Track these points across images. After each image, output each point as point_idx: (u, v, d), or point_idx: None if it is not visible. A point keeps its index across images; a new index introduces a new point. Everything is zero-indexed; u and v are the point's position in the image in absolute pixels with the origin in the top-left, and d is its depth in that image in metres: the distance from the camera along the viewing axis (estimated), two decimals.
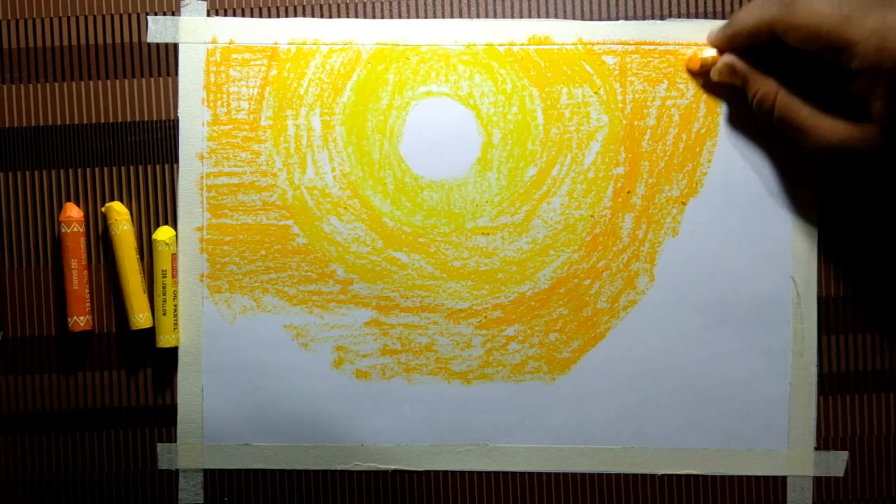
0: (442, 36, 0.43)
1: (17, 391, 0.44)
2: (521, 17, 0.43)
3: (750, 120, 0.43)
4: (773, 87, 0.35)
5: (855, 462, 0.43)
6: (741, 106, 0.43)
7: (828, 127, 0.33)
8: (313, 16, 0.43)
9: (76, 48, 0.43)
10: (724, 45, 0.37)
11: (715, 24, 0.42)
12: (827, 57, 0.32)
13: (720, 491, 0.43)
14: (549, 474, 0.44)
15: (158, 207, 0.43)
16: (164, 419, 0.44)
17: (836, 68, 0.32)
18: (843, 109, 0.32)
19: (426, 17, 0.43)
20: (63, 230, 0.42)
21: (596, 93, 0.43)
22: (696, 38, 0.43)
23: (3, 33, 0.43)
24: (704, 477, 0.43)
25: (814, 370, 0.43)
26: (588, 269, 0.43)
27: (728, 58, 0.37)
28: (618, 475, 0.43)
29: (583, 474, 0.43)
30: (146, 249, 0.43)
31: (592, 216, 0.43)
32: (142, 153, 0.43)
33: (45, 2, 0.43)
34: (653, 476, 0.43)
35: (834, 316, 0.43)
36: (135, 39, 0.43)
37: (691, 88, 0.43)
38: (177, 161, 0.43)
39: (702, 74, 0.38)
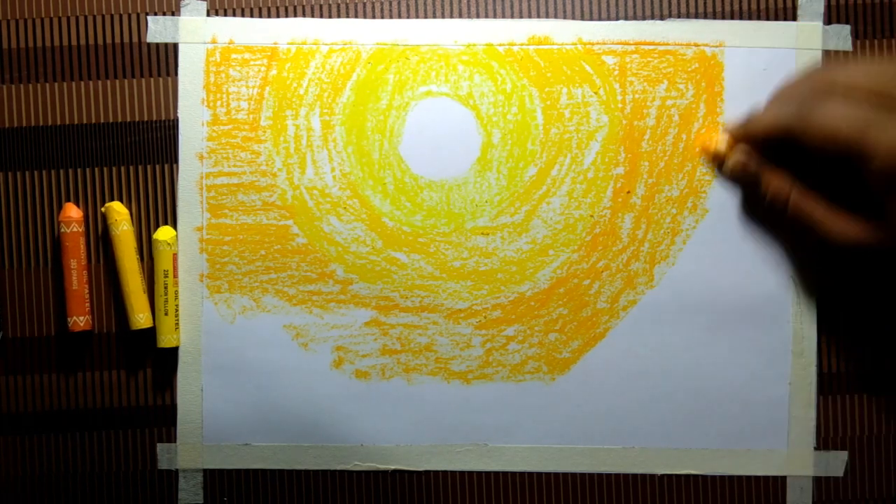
0: (442, 36, 0.43)
1: (17, 391, 0.44)
2: (521, 17, 0.43)
3: None
4: (786, 184, 0.35)
5: (855, 462, 0.43)
6: (741, 106, 0.43)
7: (843, 225, 0.33)
8: (313, 16, 0.43)
9: (76, 48, 0.43)
10: (740, 137, 0.37)
11: (714, 24, 0.42)
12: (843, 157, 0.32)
13: (720, 491, 0.43)
14: (549, 474, 0.43)
15: (158, 207, 0.43)
16: (164, 419, 0.44)
17: (852, 165, 0.32)
18: (858, 203, 0.32)
19: (426, 17, 0.43)
20: (62, 230, 0.42)
21: (596, 93, 0.43)
22: (696, 38, 0.43)
23: (3, 33, 0.43)
24: (704, 477, 0.43)
25: (814, 370, 0.43)
26: (588, 269, 0.43)
27: (741, 156, 0.37)
28: (618, 475, 0.43)
29: (583, 474, 0.43)
30: (146, 249, 0.43)
31: (592, 216, 0.43)
32: (142, 153, 0.43)
33: (45, 2, 0.43)
34: (653, 476, 0.43)
35: (834, 316, 0.43)
36: (135, 39, 0.43)
37: (691, 88, 0.43)
38: (177, 161, 0.43)
39: (714, 162, 0.38)
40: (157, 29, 0.43)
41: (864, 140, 0.30)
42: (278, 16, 0.43)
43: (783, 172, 0.35)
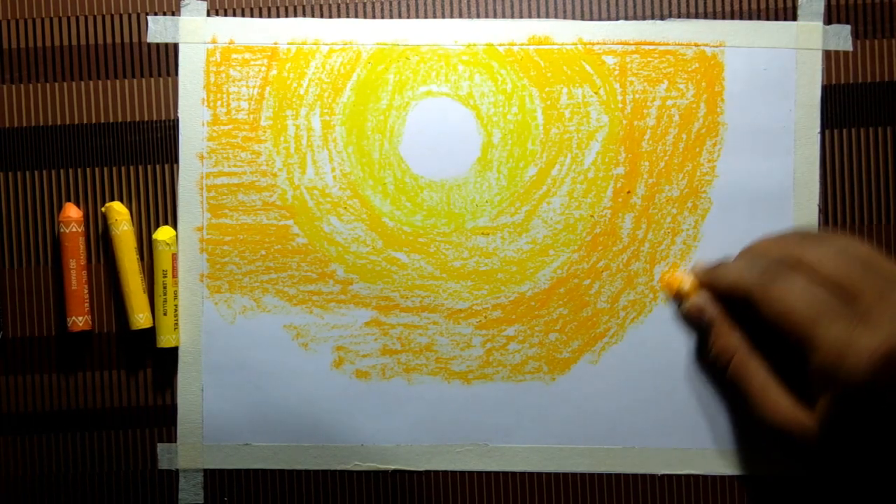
0: (442, 36, 0.43)
1: (17, 391, 0.44)
2: (521, 17, 0.43)
3: (750, 119, 0.43)
4: (734, 343, 0.35)
5: None
6: (741, 106, 0.43)
7: (774, 404, 0.32)
8: (313, 16, 0.43)
9: (76, 48, 0.43)
10: (704, 282, 0.37)
11: (715, 24, 0.42)
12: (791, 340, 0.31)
13: (720, 491, 0.43)
14: (549, 474, 0.44)
15: (158, 207, 0.43)
16: (164, 419, 0.44)
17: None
18: (801, 382, 0.31)
19: (426, 17, 0.43)
20: (62, 230, 0.42)
21: (596, 93, 0.43)
22: (696, 38, 0.43)
23: (3, 33, 0.43)
24: (704, 477, 0.43)
25: None
26: (588, 269, 0.43)
27: (700, 300, 0.36)
28: (618, 475, 0.43)
29: (583, 474, 0.43)
30: (146, 249, 0.43)
31: (592, 216, 0.43)
32: (142, 153, 0.43)
33: (45, 2, 0.43)
34: (653, 476, 0.43)
35: None
36: (135, 39, 0.43)
37: (691, 88, 0.43)
38: (177, 161, 0.43)
39: (674, 300, 0.38)
40: (157, 29, 0.43)
41: (813, 331, 0.30)
42: (278, 16, 0.43)
43: (736, 329, 0.34)
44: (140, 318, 0.42)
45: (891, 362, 0.27)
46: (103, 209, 0.43)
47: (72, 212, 0.42)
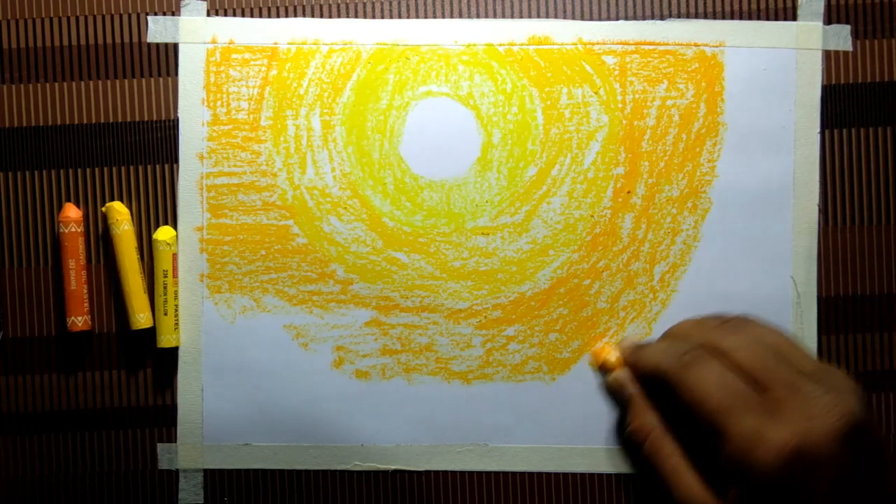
0: (442, 36, 0.43)
1: (17, 391, 0.44)
2: (521, 17, 0.43)
3: (750, 119, 0.43)
4: (650, 423, 0.35)
5: None
6: (741, 106, 0.43)
7: (686, 488, 0.32)
8: (313, 16, 0.43)
9: (76, 48, 0.43)
10: (628, 360, 0.38)
11: (714, 24, 0.43)
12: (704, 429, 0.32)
13: None
14: (548, 474, 0.44)
15: (158, 207, 0.43)
16: (164, 419, 0.44)
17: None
18: (714, 468, 0.32)
19: (426, 17, 0.43)
20: (61, 230, 0.42)
21: (596, 93, 0.43)
22: (696, 38, 0.43)
23: (3, 33, 0.43)
24: None
25: None
26: (588, 269, 0.43)
27: (621, 376, 0.37)
28: (618, 475, 0.43)
29: (582, 474, 0.43)
30: (146, 249, 0.43)
31: (592, 216, 0.43)
32: (142, 153, 0.43)
33: (45, 2, 0.43)
34: None
35: (834, 316, 0.43)
36: (135, 39, 0.43)
37: (691, 88, 0.43)
38: (177, 161, 0.43)
39: (599, 371, 0.40)
40: (157, 29, 0.43)
41: (725, 420, 0.30)
42: (278, 16, 0.43)
43: (654, 410, 0.35)
44: (140, 318, 0.42)
45: (799, 458, 0.28)
46: (103, 209, 0.43)
47: (71, 212, 0.42)
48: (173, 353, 0.43)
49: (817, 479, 0.28)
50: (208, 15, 0.43)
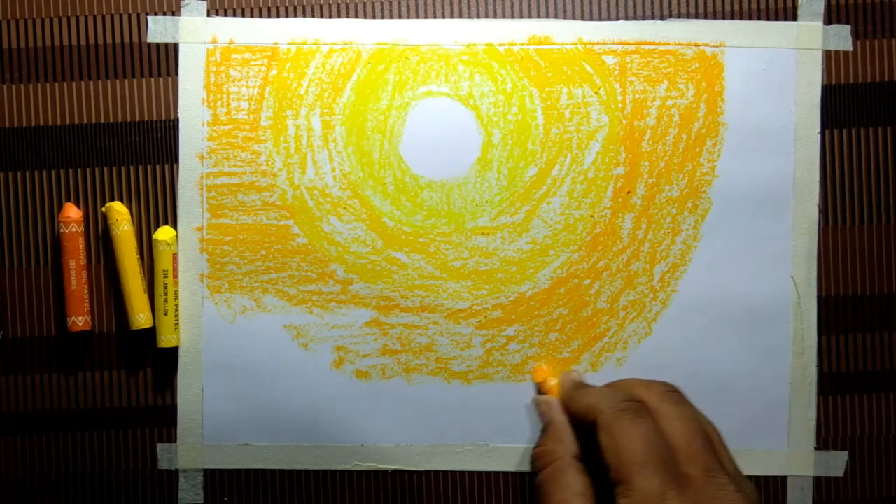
0: (442, 36, 0.43)
1: (17, 391, 0.44)
2: (521, 17, 0.43)
3: (750, 119, 0.43)
4: (558, 453, 0.37)
5: (855, 462, 0.43)
6: (741, 106, 0.43)
7: None
8: (313, 16, 0.43)
9: (76, 48, 0.43)
10: (564, 393, 0.39)
11: (714, 24, 0.43)
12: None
13: None
14: None
15: (158, 207, 0.43)
16: (164, 419, 0.44)
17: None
18: None
19: (426, 17, 0.43)
20: (61, 230, 0.42)
21: (596, 93, 0.43)
22: (696, 38, 0.43)
23: (3, 33, 0.43)
24: None
25: (814, 370, 0.43)
26: (588, 269, 0.43)
27: (552, 401, 0.39)
28: None
29: None
30: (146, 249, 0.43)
31: (592, 216, 0.43)
32: (142, 153, 0.43)
33: (45, 2, 0.43)
34: None
35: (834, 316, 0.43)
36: (135, 39, 0.43)
37: (691, 88, 0.43)
38: (177, 161, 0.43)
39: (536, 387, 0.41)
40: (157, 29, 0.43)
41: (636, 474, 0.31)
42: (278, 16, 0.43)
43: (573, 443, 0.36)
44: (140, 318, 0.42)
45: None
46: (103, 209, 0.43)
47: (71, 212, 0.42)
48: (173, 353, 0.43)
49: None
50: (208, 15, 0.43)
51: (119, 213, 0.42)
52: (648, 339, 0.43)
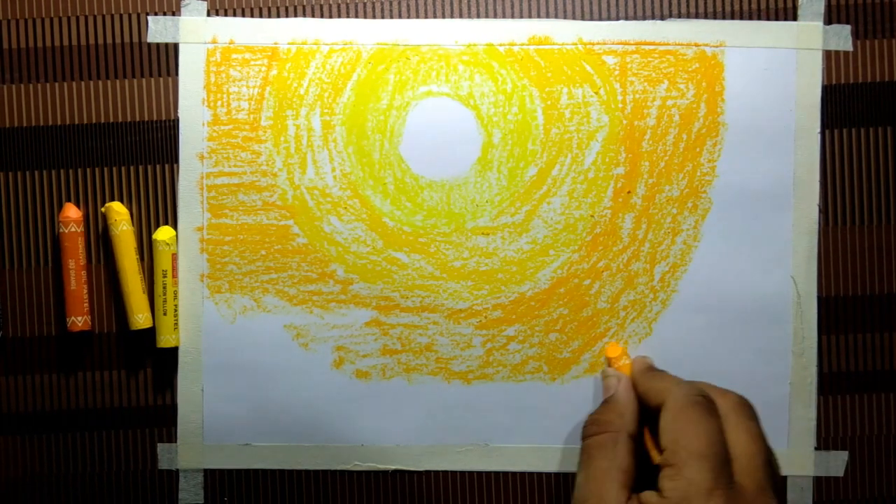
0: (442, 36, 0.43)
1: (16, 391, 0.44)
2: (521, 17, 0.43)
3: (750, 119, 0.43)
4: (614, 423, 0.37)
5: (855, 462, 0.43)
6: (741, 106, 0.43)
7: (605, 492, 0.34)
8: (313, 16, 0.43)
9: (76, 48, 0.43)
10: (638, 372, 0.40)
11: (715, 24, 0.43)
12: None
13: None
14: (549, 474, 0.44)
15: (158, 207, 0.43)
16: (164, 419, 0.44)
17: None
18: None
19: (426, 17, 0.43)
20: (61, 230, 0.42)
21: (596, 93, 0.43)
22: (696, 38, 0.43)
23: (3, 33, 0.43)
24: None
25: (814, 370, 0.43)
26: (588, 269, 0.43)
27: (624, 377, 0.40)
28: None
29: None
30: (146, 249, 0.43)
31: (592, 216, 0.43)
32: (142, 153, 0.43)
33: (45, 2, 0.43)
34: None
35: (834, 316, 0.43)
36: (135, 39, 0.43)
37: (691, 88, 0.43)
38: (177, 161, 0.43)
39: (606, 362, 0.41)
40: (158, 29, 0.43)
41: (683, 464, 0.32)
42: (279, 16, 0.43)
43: (633, 420, 0.36)
44: (140, 318, 0.42)
45: None
46: (103, 209, 0.43)
47: (71, 212, 0.42)
48: (173, 353, 0.43)
49: None
50: (208, 15, 0.43)
51: (119, 214, 0.42)
52: (648, 339, 0.43)
